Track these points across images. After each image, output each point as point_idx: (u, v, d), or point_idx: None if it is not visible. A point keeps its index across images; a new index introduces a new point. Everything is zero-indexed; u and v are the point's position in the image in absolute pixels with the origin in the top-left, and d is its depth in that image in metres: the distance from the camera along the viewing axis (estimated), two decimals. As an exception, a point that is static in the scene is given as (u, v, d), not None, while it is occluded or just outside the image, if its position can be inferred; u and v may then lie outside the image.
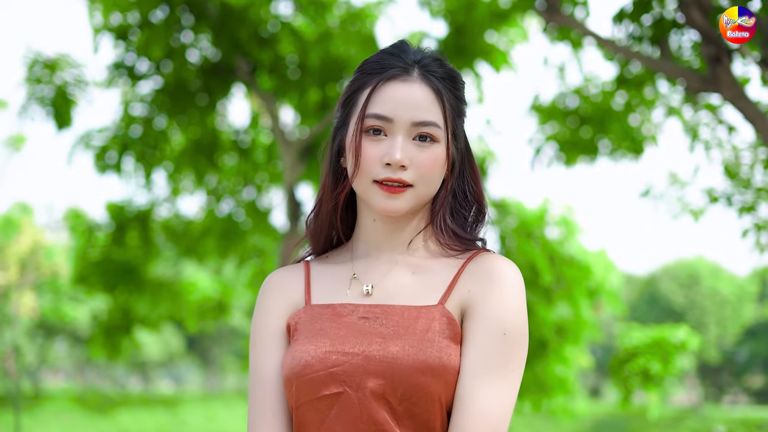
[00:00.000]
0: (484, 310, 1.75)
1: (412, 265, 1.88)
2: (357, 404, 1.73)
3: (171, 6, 8.41)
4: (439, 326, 1.75)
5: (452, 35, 8.18)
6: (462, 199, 1.92)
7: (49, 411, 35.17)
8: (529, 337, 1.82)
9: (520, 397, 8.16)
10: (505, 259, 1.81)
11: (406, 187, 1.82)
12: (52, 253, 28.12)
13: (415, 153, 1.81)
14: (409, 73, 1.84)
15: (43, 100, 9.36)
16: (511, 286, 1.77)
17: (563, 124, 8.16)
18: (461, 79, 1.92)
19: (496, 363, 1.71)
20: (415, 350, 1.72)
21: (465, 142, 1.93)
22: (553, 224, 9.21)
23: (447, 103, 1.85)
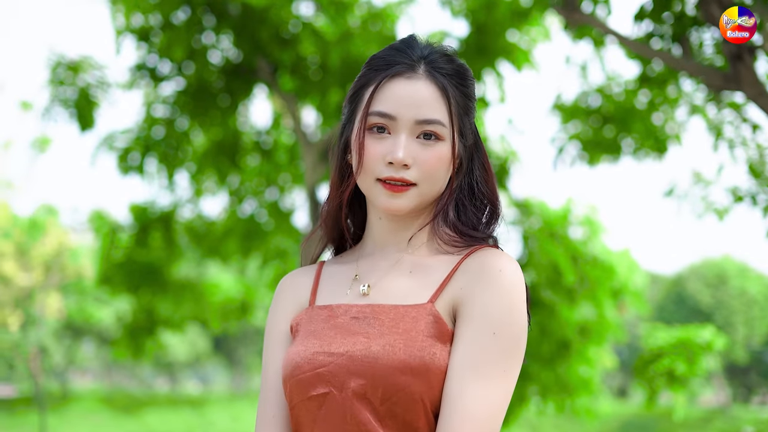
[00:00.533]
0: (474, 308, 1.71)
1: (411, 263, 1.85)
2: (341, 404, 1.72)
3: (192, 7, 8.42)
4: (425, 325, 1.72)
5: (473, 34, 8.14)
6: (471, 197, 1.89)
7: (77, 411, 35.41)
8: (553, 336, 1.79)
9: (543, 398, 8.12)
10: (502, 254, 1.77)
11: (410, 185, 1.80)
12: (77, 255, 28.28)
13: (419, 151, 1.79)
14: (415, 69, 1.82)
15: (66, 102, 9.42)
16: (504, 283, 1.71)
17: (586, 123, 8.11)
18: (470, 76, 1.89)
19: (486, 363, 1.67)
20: (395, 350, 1.70)
21: (475, 140, 1.90)
22: (577, 224, 9.15)
23: (453, 101, 1.82)
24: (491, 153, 9.36)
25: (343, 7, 8.66)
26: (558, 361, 8.07)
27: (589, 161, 8.13)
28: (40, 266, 27.97)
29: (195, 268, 13.31)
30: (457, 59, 1.88)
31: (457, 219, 1.87)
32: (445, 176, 1.83)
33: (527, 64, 8.53)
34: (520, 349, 1.72)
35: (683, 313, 38.53)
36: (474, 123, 1.90)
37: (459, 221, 1.87)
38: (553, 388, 8.04)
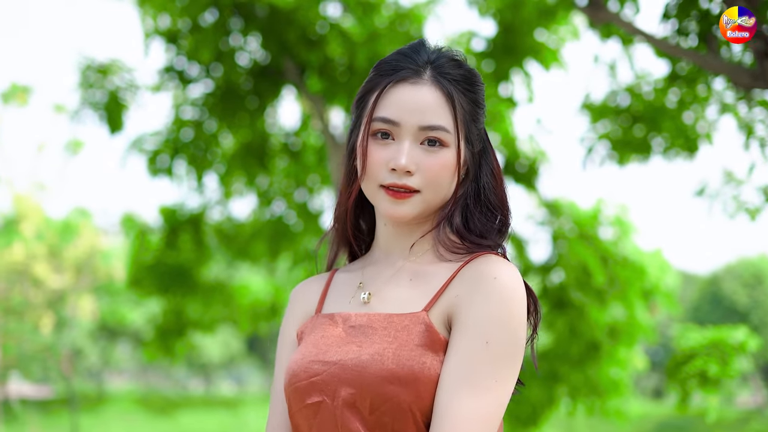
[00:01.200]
0: (467, 317, 1.68)
1: (412, 270, 1.83)
2: (333, 413, 1.71)
3: (220, 9, 8.44)
4: (416, 334, 1.70)
5: (501, 34, 8.10)
6: (478, 204, 1.86)
7: (112, 412, 35.68)
8: (582, 338, 1.75)
9: (573, 399, 8.06)
10: (501, 262, 1.73)
11: (413, 192, 1.77)
12: (109, 257, 28.49)
13: (423, 158, 1.77)
14: (420, 75, 1.80)
15: (95, 105, 9.49)
16: (499, 291, 1.68)
17: (615, 122, 8.04)
18: (479, 81, 1.86)
19: (477, 373, 1.63)
20: (384, 359, 1.68)
21: (483, 146, 1.88)
22: (607, 224, 9.08)
23: (459, 106, 1.79)
24: (520, 153, 9.31)
25: (370, 7, 8.64)
26: (588, 363, 8.01)
27: (618, 161, 8.06)
28: (72, 268, 28.21)
29: (225, 270, 13.36)
30: (466, 64, 1.85)
31: (464, 226, 1.84)
32: (450, 183, 1.81)
33: (555, 64, 8.47)
34: (514, 358, 1.68)
35: (719, 314, 38.18)
36: (483, 129, 1.88)
37: (466, 228, 1.84)
38: (582, 389, 7.99)
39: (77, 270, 28.33)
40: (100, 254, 28.26)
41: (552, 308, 8.26)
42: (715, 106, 7.77)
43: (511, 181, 9.38)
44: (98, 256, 28.23)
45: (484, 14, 8.20)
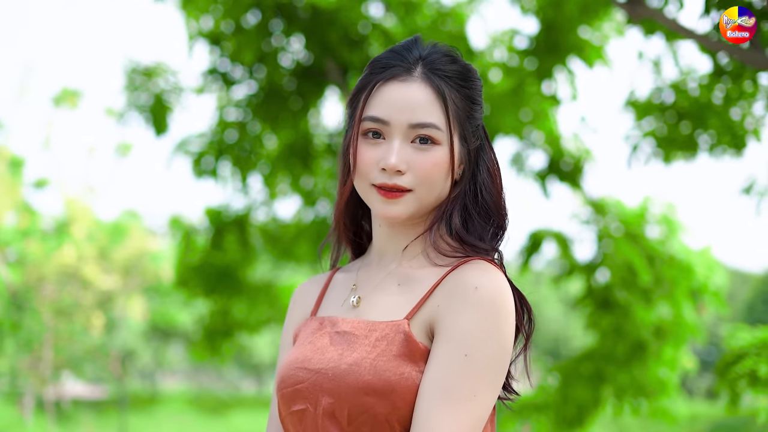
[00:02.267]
0: (447, 328, 1.64)
1: (401, 275, 1.80)
2: (315, 422, 1.69)
3: (262, 10, 8.46)
4: (396, 343, 1.67)
5: (543, 32, 8.03)
6: (476, 205, 1.81)
7: (165, 413, 36.01)
8: (628, 338, 1.70)
9: (619, 400, 7.98)
10: (486, 269, 1.68)
11: (405, 191, 1.74)
12: (157, 258, 28.76)
13: (414, 156, 1.74)
14: (411, 72, 1.76)
15: (141, 108, 9.58)
16: (479, 302, 1.64)
17: (660, 119, 7.93)
18: (474, 77, 1.83)
19: (455, 387, 1.60)
20: (362, 369, 1.65)
21: (481, 143, 1.83)
22: (654, 223, 8.97)
23: (451, 103, 1.76)
24: (564, 152, 9.23)
25: (412, 7, 8.62)
26: (634, 363, 7.92)
27: (664, 159, 7.96)
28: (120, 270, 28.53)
29: (270, 271, 13.39)
30: (461, 60, 1.82)
31: (464, 228, 1.79)
32: (443, 181, 1.77)
33: (600, 61, 8.38)
34: (495, 371, 1.63)
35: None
36: (481, 126, 1.84)
37: (465, 230, 1.79)
38: (628, 389, 7.90)
39: (125, 271, 28.63)
40: (148, 256, 28.53)
41: (597, 308, 8.17)
42: (762, 101, 7.65)
43: (555, 179, 9.30)
44: (147, 258, 28.51)
45: (526, 12, 8.14)
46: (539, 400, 8.36)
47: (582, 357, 8.14)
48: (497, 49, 8.72)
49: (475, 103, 1.83)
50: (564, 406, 8.00)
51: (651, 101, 7.95)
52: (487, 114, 8.63)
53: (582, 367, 8.02)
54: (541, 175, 9.37)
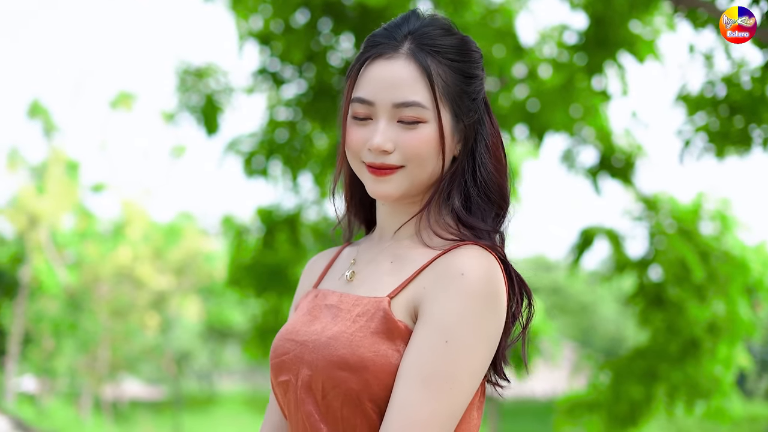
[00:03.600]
0: (430, 311, 1.62)
1: (395, 253, 1.78)
2: (296, 394, 1.70)
3: (311, 10, 8.49)
4: (375, 320, 1.65)
5: (592, 27, 7.96)
6: (474, 184, 1.77)
7: (221, 413, 36.29)
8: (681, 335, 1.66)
9: (671, 398, 7.89)
10: (479, 255, 1.65)
11: (396, 168, 1.71)
12: (211, 259, 29.02)
13: (400, 135, 1.72)
14: (397, 49, 1.74)
15: (193, 108, 9.66)
16: (465, 288, 1.61)
17: (713, 114, 7.82)
18: (470, 49, 1.78)
19: (433, 372, 1.58)
20: (339, 343, 1.65)
21: (480, 119, 1.79)
22: (708, 219, 8.86)
23: (438, 79, 1.72)
24: (616, 148, 9.15)
25: (461, 4, 8.60)
26: (687, 360, 7.82)
27: (716, 154, 7.84)
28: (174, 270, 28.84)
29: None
30: (456, 32, 1.78)
31: (463, 207, 1.76)
32: (435, 158, 1.73)
33: (651, 55, 8.28)
34: (476, 359, 1.61)
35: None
36: (481, 100, 1.79)
37: (465, 210, 1.76)
38: (682, 388, 7.80)
39: (179, 271, 28.93)
40: (202, 256, 28.80)
41: (649, 305, 8.09)
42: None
43: (606, 176, 9.22)
44: (200, 258, 28.77)
45: (575, 7, 8.08)
46: (591, 399, 8.30)
47: (634, 354, 8.06)
48: (546, 45, 8.67)
49: (471, 77, 1.77)
50: (616, 404, 7.92)
51: (703, 95, 7.84)
52: (536, 110, 8.59)
53: (634, 364, 7.95)
54: (592, 172, 9.30)
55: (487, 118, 1.81)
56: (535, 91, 8.60)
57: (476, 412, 1.72)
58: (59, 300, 31.85)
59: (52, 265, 35.49)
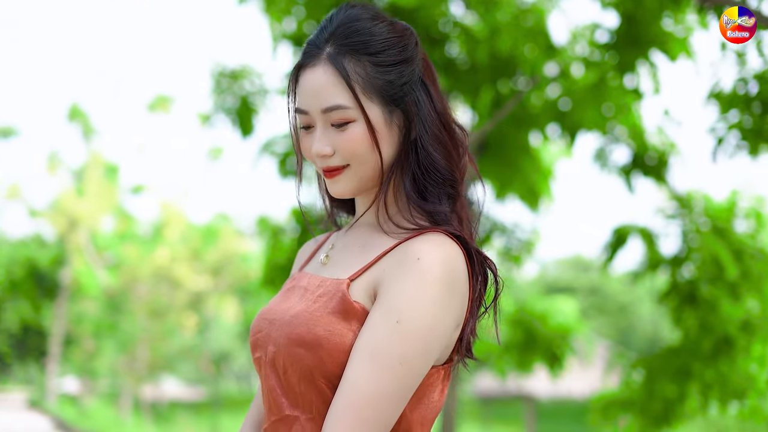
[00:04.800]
0: (386, 293, 1.69)
1: (364, 239, 1.87)
2: (264, 369, 1.79)
3: (343, 11, 8.54)
4: (334, 301, 1.73)
5: (623, 25, 7.97)
6: (417, 166, 1.84)
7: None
8: (714, 333, 1.68)
9: (704, 397, 7.86)
10: (435, 241, 1.72)
11: (342, 168, 1.81)
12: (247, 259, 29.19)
13: (335, 137, 1.80)
14: (318, 56, 1.81)
15: (228, 110, 9.76)
16: (419, 272, 1.67)
17: (745, 111, 7.79)
18: (389, 38, 1.84)
19: (383, 351, 1.64)
20: (299, 321, 1.73)
21: (416, 101, 1.84)
22: (742, 217, 8.83)
23: (356, 76, 1.78)
24: (649, 146, 9.14)
25: (492, 4, 8.63)
26: (721, 359, 7.79)
27: (750, 151, 7.82)
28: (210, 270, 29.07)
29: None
30: (379, 22, 1.85)
31: (417, 192, 1.83)
32: (372, 152, 1.80)
33: (683, 53, 8.26)
34: (428, 340, 1.67)
35: None
36: (413, 82, 1.84)
37: (420, 194, 1.83)
38: (715, 386, 7.77)
39: (215, 272, 29.15)
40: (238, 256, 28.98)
41: (681, 303, 8.07)
42: None
43: (639, 174, 9.21)
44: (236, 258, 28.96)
45: (606, 6, 8.09)
46: (625, 397, 8.29)
47: (666, 352, 8.04)
48: (578, 44, 8.69)
49: (394, 64, 1.82)
50: (649, 402, 7.92)
51: (736, 93, 7.82)
52: (568, 109, 8.60)
53: (667, 362, 7.93)
54: (625, 170, 9.30)
55: (425, 98, 1.86)
56: (567, 90, 8.61)
57: (438, 395, 1.77)
58: (99, 301, 32.19)
59: (92, 267, 35.88)
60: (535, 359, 10.28)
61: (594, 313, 50.93)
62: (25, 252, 42.79)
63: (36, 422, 30.45)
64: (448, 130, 1.87)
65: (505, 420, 34.91)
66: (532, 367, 10.39)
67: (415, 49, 1.89)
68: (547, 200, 10.11)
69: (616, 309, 51.67)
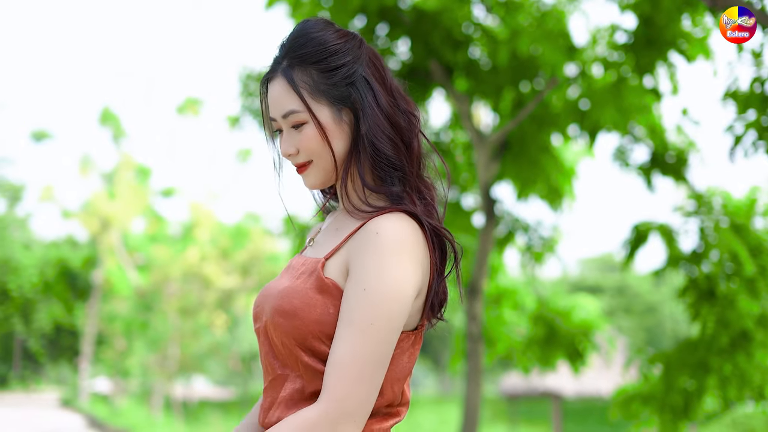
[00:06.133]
0: (354, 268, 1.94)
1: (339, 223, 2.14)
2: (260, 337, 2.09)
3: (367, 16, 8.72)
4: (312, 277, 1.99)
5: (641, 27, 8.11)
6: (365, 155, 2.08)
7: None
8: (731, 328, 1.84)
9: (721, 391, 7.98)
10: (393, 218, 1.97)
11: (307, 164, 2.09)
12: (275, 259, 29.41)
13: (296, 139, 2.09)
14: (276, 70, 2.11)
15: (255, 112, 9.98)
16: (379, 245, 1.91)
17: (762, 111, 7.91)
18: (329, 46, 2.10)
19: (356, 318, 1.89)
20: (282, 294, 2.01)
21: (360, 97, 2.08)
22: (760, 214, 8.92)
23: (302, 83, 2.06)
24: (668, 145, 9.26)
25: (513, 6, 8.78)
26: (738, 353, 7.91)
27: (767, 150, 7.92)
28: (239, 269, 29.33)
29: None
30: (313, 38, 2.10)
31: (374, 178, 2.09)
32: (325, 148, 2.07)
33: (702, 54, 8.37)
34: (392, 304, 1.91)
35: None
36: (356, 82, 2.09)
37: (376, 180, 2.09)
38: (732, 379, 7.89)
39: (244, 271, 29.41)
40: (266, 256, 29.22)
41: (699, 298, 8.18)
42: None
43: (659, 173, 9.34)
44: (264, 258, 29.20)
45: (624, 9, 8.23)
46: (645, 391, 8.41)
47: (684, 347, 8.16)
48: (598, 45, 8.82)
49: (335, 68, 2.08)
50: (668, 395, 8.05)
51: (753, 92, 7.92)
52: (587, 108, 8.75)
53: (685, 357, 8.06)
54: (644, 169, 9.43)
55: (369, 95, 2.09)
56: (587, 91, 8.76)
57: (407, 358, 2.04)
58: (130, 300, 32.52)
59: (124, 268, 36.26)
60: (557, 355, 10.43)
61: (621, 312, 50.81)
62: (57, 253, 43.29)
63: (69, 420, 30.84)
64: (392, 122, 2.10)
65: (532, 420, 34.93)
66: (555, 364, 10.52)
67: (358, 51, 2.12)
68: (570, 199, 10.23)
69: (643, 309, 51.54)
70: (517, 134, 9.42)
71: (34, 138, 40.58)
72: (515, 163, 9.65)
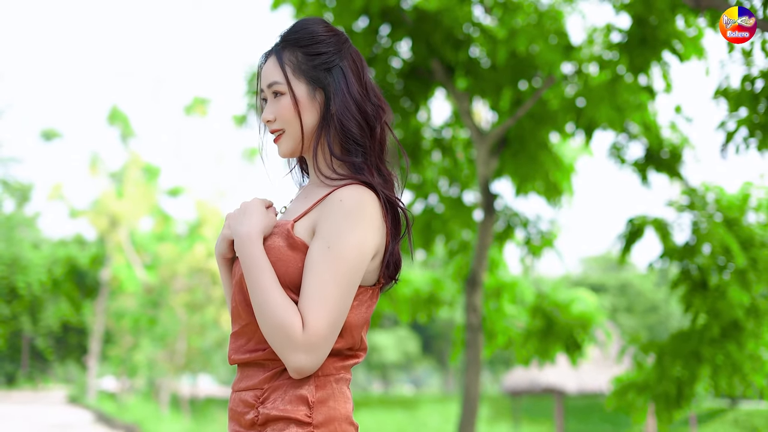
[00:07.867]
0: (320, 229, 2.26)
1: (308, 191, 2.46)
2: (234, 288, 2.42)
3: (370, 17, 8.92)
4: (281, 236, 2.30)
5: (634, 26, 8.32)
6: (333, 131, 2.39)
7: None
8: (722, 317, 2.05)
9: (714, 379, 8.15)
10: (354, 187, 2.28)
11: (281, 132, 2.41)
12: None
13: (275, 107, 2.40)
14: (271, 52, 2.45)
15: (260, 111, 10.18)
16: (342, 210, 2.24)
17: (753, 108, 8.10)
18: (316, 36, 2.44)
19: (321, 268, 2.20)
20: None
21: (334, 81, 2.40)
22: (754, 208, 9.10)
23: (288, 61, 2.40)
24: (663, 142, 9.46)
25: (512, 7, 8.98)
26: (729, 342, 8.10)
27: (758, 147, 8.11)
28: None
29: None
30: (304, 26, 2.45)
31: (341, 150, 2.39)
32: (297, 119, 2.39)
33: (694, 53, 8.55)
34: (352, 259, 2.23)
35: None
36: (333, 69, 2.41)
37: (342, 152, 2.39)
38: (724, 368, 8.08)
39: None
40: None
41: (691, 290, 8.36)
42: None
43: (653, 169, 9.53)
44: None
45: (619, 10, 8.44)
46: (641, 380, 8.57)
47: (677, 336, 8.35)
48: (594, 45, 9.03)
49: (317, 54, 2.40)
50: (660, 383, 8.22)
51: (744, 90, 8.12)
52: (583, 106, 8.97)
53: (678, 346, 8.24)
54: (639, 165, 9.62)
55: (342, 82, 2.41)
56: (583, 89, 8.97)
57: (365, 308, 2.34)
58: (138, 297, 32.71)
59: (132, 265, 36.51)
60: (556, 348, 10.62)
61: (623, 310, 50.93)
62: (65, 252, 43.52)
63: (78, 415, 31.11)
64: (359, 108, 2.41)
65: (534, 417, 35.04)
66: (553, 357, 10.68)
67: (341, 47, 2.44)
68: (568, 195, 10.43)
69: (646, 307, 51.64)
70: (515, 131, 9.64)
71: (43, 137, 40.87)
72: (514, 159, 9.87)
